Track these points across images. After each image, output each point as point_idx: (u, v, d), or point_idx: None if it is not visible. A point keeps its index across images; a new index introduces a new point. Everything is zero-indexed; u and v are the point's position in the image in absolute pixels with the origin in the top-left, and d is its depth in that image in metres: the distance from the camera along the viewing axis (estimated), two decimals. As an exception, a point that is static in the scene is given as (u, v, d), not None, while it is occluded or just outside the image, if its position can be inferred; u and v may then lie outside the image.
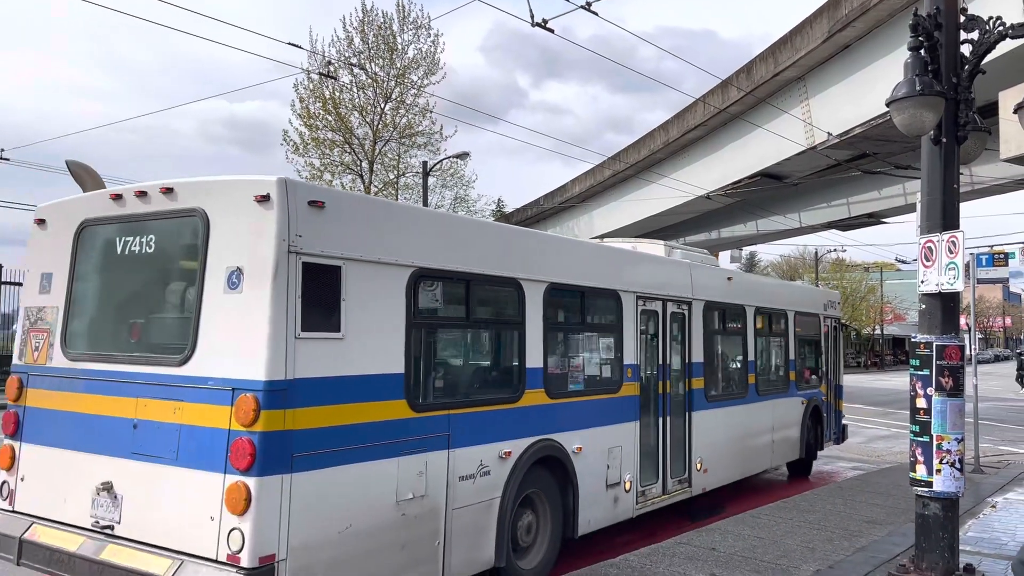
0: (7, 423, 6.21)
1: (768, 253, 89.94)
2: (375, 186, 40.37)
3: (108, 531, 5.38)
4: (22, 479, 6.03)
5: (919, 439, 6.73)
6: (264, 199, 5.02)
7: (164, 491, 5.17)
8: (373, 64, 38.49)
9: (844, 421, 14.94)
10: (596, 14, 11.02)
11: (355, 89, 38.96)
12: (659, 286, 9.29)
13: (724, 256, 42.98)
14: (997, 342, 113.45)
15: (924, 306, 6.94)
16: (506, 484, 6.66)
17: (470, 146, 63.07)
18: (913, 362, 6.85)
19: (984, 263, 20.31)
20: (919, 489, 6.73)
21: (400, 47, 38.92)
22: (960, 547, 6.90)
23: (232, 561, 4.76)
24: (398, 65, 38.84)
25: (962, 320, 9.63)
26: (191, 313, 5.31)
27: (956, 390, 6.67)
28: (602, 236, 35.26)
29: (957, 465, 6.62)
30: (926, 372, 6.72)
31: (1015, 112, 6.66)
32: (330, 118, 38.48)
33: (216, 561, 4.83)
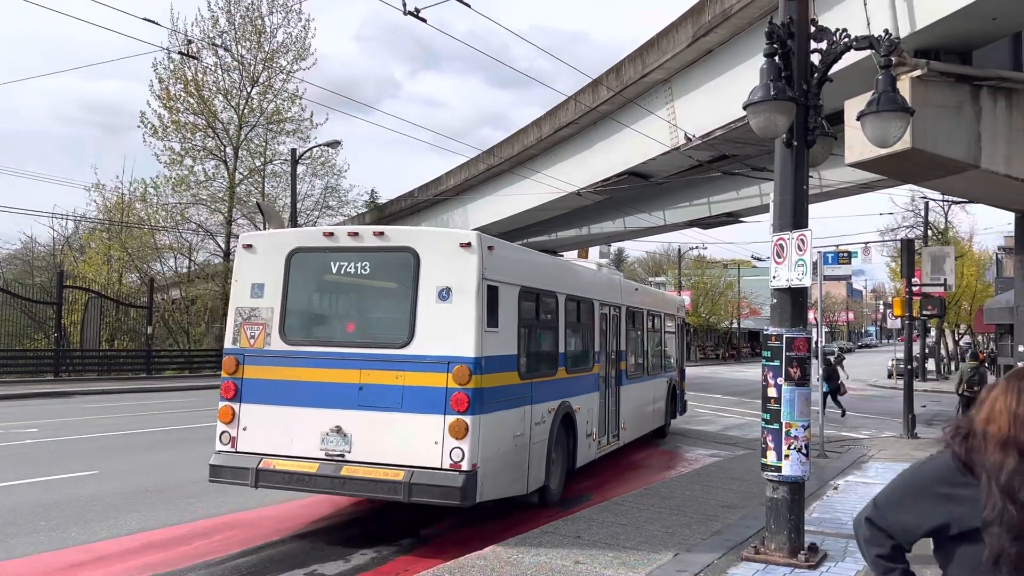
0: (227, 390, 8.38)
1: (635, 250, 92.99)
2: (240, 172, 38.88)
3: (339, 458, 7.85)
4: (244, 429, 8.28)
5: (770, 426, 7.09)
6: (467, 245, 7.88)
7: (390, 429, 7.76)
8: (239, 46, 37.05)
9: (685, 398, 19.00)
10: (468, 6, 10.99)
11: (219, 71, 37.40)
12: (607, 295, 12.72)
13: (593, 252, 44.02)
14: (841, 335, 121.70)
15: (776, 300, 7.31)
16: (550, 430, 9.61)
17: (343, 136, 61.73)
18: (765, 353, 7.21)
19: (830, 261, 21.71)
20: (769, 474, 7.09)
21: (268, 30, 37.69)
22: (805, 527, 7.33)
23: (455, 468, 7.49)
24: (266, 48, 37.60)
25: (810, 314, 10.25)
26: (406, 314, 7.98)
27: (803, 380, 7.07)
28: (477, 230, 35.32)
29: (804, 451, 7.02)
30: (777, 363, 7.08)
31: (858, 119, 7.10)
32: (192, 100, 36.77)
33: (441, 469, 7.52)
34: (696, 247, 63.35)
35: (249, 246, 8.73)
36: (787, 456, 6.97)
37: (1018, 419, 2.15)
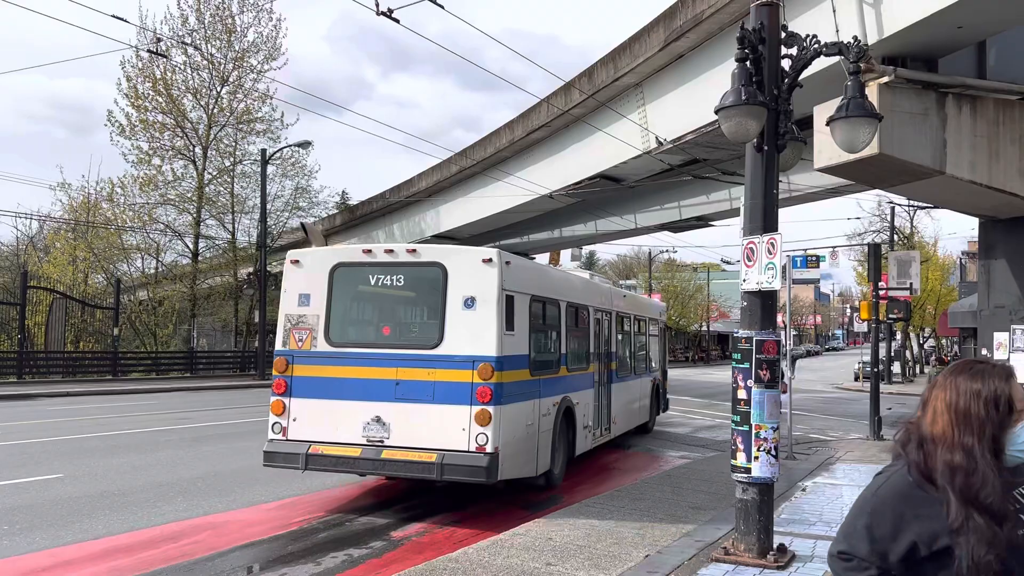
0: (278, 386, 9.56)
1: (606, 252, 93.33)
2: (209, 172, 38.46)
3: (379, 443, 9.04)
4: (294, 420, 9.45)
5: (740, 428, 7.14)
6: (488, 261, 9.12)
7: (423, 418, 8.97)
8: (209, 45, 36.68)
9: (667, 396, 20.14)
10: (442, 7, 10.97)
11: (189, 70, 36.99)
12: (599, 301, 14.02)
13: (565, 255, 44.09)
14: (809, 338, 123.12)
15: (746, 303, 7.37)
16: (554, 420, 10.77)
17: (314, 136, 61.23)
18: (735, 356, 7.26)
19: (799, 264, 21.97)
20: (739, 475, 7.15)
21: (239, 29, 37.36)
22: (774, 528, 7.39)
23: (480, 450, 8.70)
24: (236, 47, 37.26)
25: (779, 317, 10.36)
26: (436, 320, 9.25)
27: (773, 382, 7.13)
28: (449, 232, 35.24)
29: (773, 452, 7.08)
30: (746, 365, 7.14)
31: (827, 125, 7.18)
32: (161, 99, 36.33)
33: (468, 451, 8.74)
34: (666, 250, 63.80)
35: (296, 261, 9.97)
36: (757, 458, 7.03)
37: (959, 415, 2.07)
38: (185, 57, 36.39)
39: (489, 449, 8.67)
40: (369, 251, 9.77)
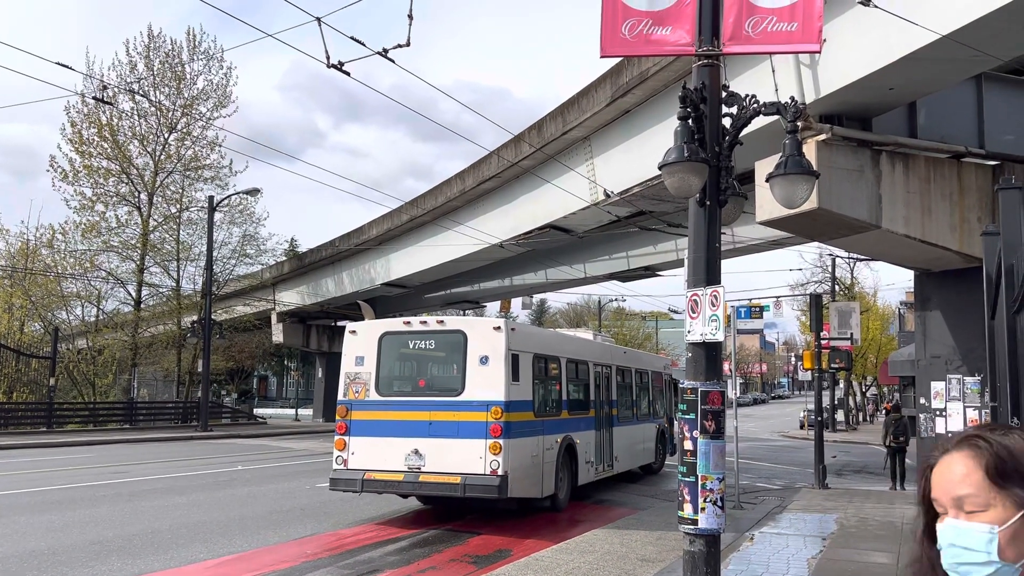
0: (340, 428, 12.13)
1: (557, 301, 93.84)
2: (154, 219, 37.87)
3: (417, 470, 11.42)
4: (352, 453, 11.96)
5: (686, 479, 7.16)
6: (498, 328, 11.78)
7: (450, 449, 11.36)
8: (158, 92, 36.42)
9: (675, 441, 20.23)
10: (393, 61, 11.10)
11: (136, 116, 36.63)
12: (599, 357, 16.40)
13: (516, 303, 44.24)
14: (755, 386, 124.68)
15: (691, 354, 7.46)
16: (557, 454, 13.06)
17: (265, 184, 60.89)
18: (681, 407, 7.31)
19: (743, 315, 22.33)
20: (685, 527, 7.14)
21: (189, 76, 37.21)
22: (721, 580, 7.38)
23: (493, 474, 11.05)
24: (185, 95, 37.05)
25: (725, 366, 10.52)
26: (459, 374, 11.84)
27: (718, 432, 7.19)
28: (399, 280, 35.11)
29: (719, 503, 7.11)
30: (692, 416, 7.19)
31: (767, 181, 7.39)
32: (106, 145, 35.82)
33: (484, 474, 11.08)
34: (615, 299, 64.42)
35: (354, 331, 12.85)
36: (703, 509, 7.04)
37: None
38: (132, 104, 36.06)
39: (500, 472, 11.05)
40: (408, 322, 12.78)
